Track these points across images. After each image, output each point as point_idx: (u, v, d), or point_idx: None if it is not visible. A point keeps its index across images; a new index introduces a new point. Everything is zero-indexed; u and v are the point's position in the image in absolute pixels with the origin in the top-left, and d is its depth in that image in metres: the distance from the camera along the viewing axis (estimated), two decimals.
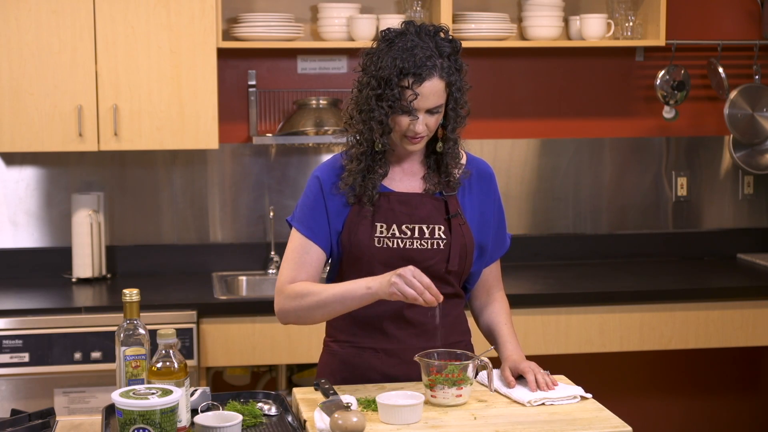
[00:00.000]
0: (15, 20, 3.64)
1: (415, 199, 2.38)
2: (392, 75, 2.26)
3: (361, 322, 2.39)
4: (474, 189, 2.43)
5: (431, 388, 2.18)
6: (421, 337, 2.38)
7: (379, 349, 2.39)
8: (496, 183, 2.49)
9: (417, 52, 2.26)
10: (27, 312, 3.52)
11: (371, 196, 2.35)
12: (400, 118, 2.29)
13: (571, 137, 4.34)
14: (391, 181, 2.40)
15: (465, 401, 2.19)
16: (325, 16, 3.96)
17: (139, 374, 2.08)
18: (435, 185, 2.39)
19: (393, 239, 2.35)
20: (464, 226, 2.39)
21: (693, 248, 4.44)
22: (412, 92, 2.26)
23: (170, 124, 3.74)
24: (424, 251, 2.35)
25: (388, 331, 2.38)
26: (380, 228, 2.35)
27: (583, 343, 3.76)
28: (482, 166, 2.48)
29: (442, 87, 2.29)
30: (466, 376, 2.18)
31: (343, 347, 2.43)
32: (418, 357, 2.21)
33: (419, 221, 2.36)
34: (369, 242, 2.34)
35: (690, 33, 4.32)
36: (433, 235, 2.36)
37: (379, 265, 2.33)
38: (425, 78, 2.26)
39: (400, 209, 2.36)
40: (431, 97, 2.28)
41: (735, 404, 4.48)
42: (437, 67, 2.27)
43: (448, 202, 2.39)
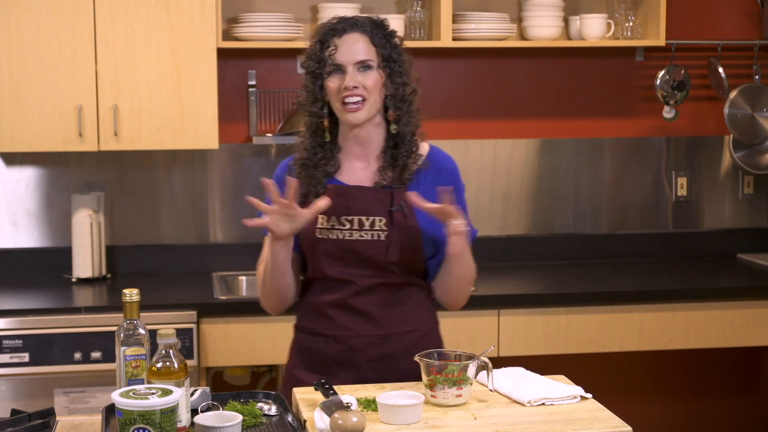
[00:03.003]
0: (15, 20, 3.64)
1: (356, 191, 2.40)
2: (316, 45, 2.38)
3: (315, 310, 2.46)
4: (430, 182, 2.43)
5: (431, 388, 2.18)
6: (367, 324, 2.41)
7: (328, 335, 2.44)
8: (457, 177, 2.49)
9: (338, 18, 2.39)
10: (27, 312, 3.52)
11: (316, 191, 2.39)
12: (330, 80, 2.36)
13: (571, 137, 4.34)
14: (344, 174, 2.43)
15: (465, 401, 2.19)
16: (325, 16, 3.95)
17: (139, 374, 2.08)
18: (387, 179, 2.40)
19: (333, 231, 2.39)
20: (409, 219, 2.39)
21: (693, 248, 4.44)
22: (333, 47, 2.34)
23: (170, 124, 3.74)
24: (364, 242, 2.38)
25: (335, 319, 2.42)
26: (321, 220, 2.39)
27: (583, 343, 3.76)
28: (444, 161, 2.49)
29: (366, 42, 2.36)
30: (466, 376, 2.18)
31: (301, 332, 2.51)
32: (418, 357, 2.22)
33: (358, 213, 2.39)
34: (312, 234, 2.39)
35: (690, 33, 4.32)
36: (373, 227, 2.38)
37: (323, 256, 2.39)
38: (344, 31, 2.36)
39: (340, 201, 2.38)
40: (354, 49, 2.35)
41: (735, 404, 4.48)
42: (357, 24, 2.37)
43: (395, 194, 2.39)
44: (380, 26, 2.41)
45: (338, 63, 2.35)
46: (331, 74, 2.36)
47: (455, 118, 4.27)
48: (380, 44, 2.38)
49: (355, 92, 2.34)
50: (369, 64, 2.36)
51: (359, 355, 2.41)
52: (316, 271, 2.44)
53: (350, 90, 2.34)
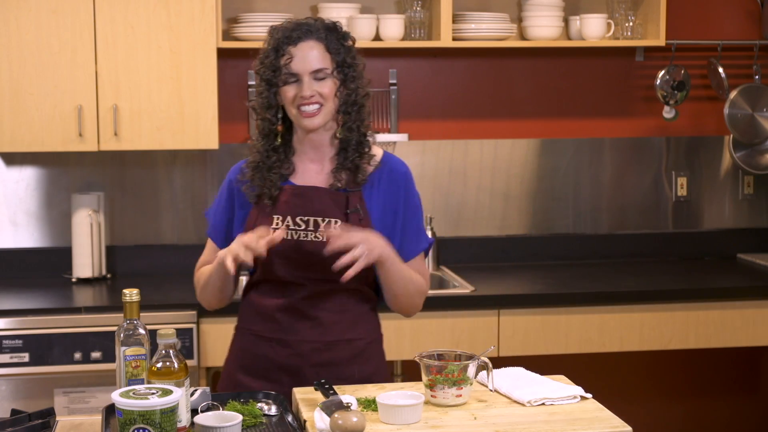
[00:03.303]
0: (15, 20, 3.64)
1: (312, 192, 2.40)
2: (269, 50, 2.35)
3: (260, 312, 2.44)
4: (383, 187, 2.43)
5: (431, 388, 2.18)
6: (315, 330, 2.40)
7: (273, 339, 2.42)
8: (410, 183, 2.48)
9: (290, 24, 2.36)
10: (27, 312, 3.52)
11: (270, 193, 2.39)
12: (285, 88, 2.35)
13: (571, 137, 4.34)
14: (298, 176, 2.43)
15: (465, 401, 2.19)
16: (325, 16, 3.94)
17: (139, 374, 2.08)
18: (341, 181, 2.40)
19: (287, 231, 2.37)
20: (364, 222, 2.39)
21: (693, 248, 4.44)
22: (288, 56, 2.32)
23: (170, 124, 3.74)
24: (319, 243, 2.36)
25: (282, 323, 2.41)
26: (276, 220, 2.38)
27: (583, 343, 3.76)
28: (397, 166, 2.48)
29: (322, 49, 2.34)
30: (466, 376, 2.18)
31: (243, 334, 2.49)
32: (418, 357, 2.22)
33: (314, 213, 2.38)
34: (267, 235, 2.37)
35: (690, 33, 4.32)
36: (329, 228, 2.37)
37: (275, 256, 2.37)
38: (299, 39, 2.34)
39: (295, 201, 2.39)
40: (310, 58, 2.33)
41: (735, 404, 4.48)
42: (312, 31, 2.35)
43: (350, 197, 2.39)
44: (334, 30, 2.38)
45: (294, 72, 2.33)
46: (287, 83, 2.34)
47: (455, 118, 4.27)
48: (335, 50, 2.36)
49: (311, 100, 2.33)
50: (324, 72, 2.34)
51: (304, 361, 2.40)
52: (266, 273, 2.42)
53: (307, 99, 2.33)
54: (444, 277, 4.03)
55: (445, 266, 4.16)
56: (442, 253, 4.20)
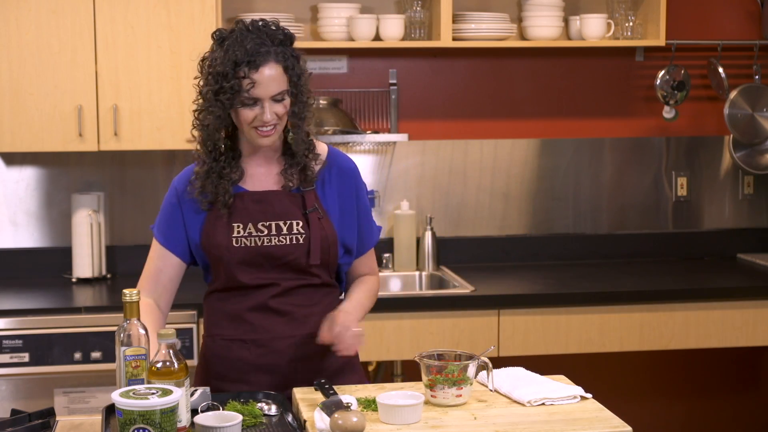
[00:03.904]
0: (15, 20, 3.64)
1: (270, 196, 2.39)
2: (227, 68, 2.28)
3: (230, 316, 2.42)
4: (334, 183, 2.44)
5: (431, 388, 2.18)
6: (289, 325, 2.40)
7: (248, 341, 2.41)
8: (359, 178, 2.49)
9: (248, 42, 2.29)
10: (27, 312, 3.52)
11: (225, 201, 2.36)
12: (244, 111, 2.30)
13: (571, 137, 4.34)
14: (248, 181, 2.41)
15: (465, 401, 2.19)
16: (325, 16, 3.96)
17: (139, 374, 2.08)
18: (293, 181, 2.40)
19: (250, 238, 2.37)
20: (324, 220, 2.40)
21: (693, 248, 4.43)
22: (249, 80, 2.27)
23: (170, 124, 3.74)
24: (283, 247, 2.37)
25: (254, 322, 2.40)
26: (237, 228, 2.37)
27: (583, 343, 3.76)
28: (344, 161, 2.48)
29: (280, 72, 2.31)
30: (466, 376, 2.18)
31: (214, 341, 2.46)
32: (417, 357, 2.22)
33: (275, 218, 2.37)
34: (227, 243, 2.36)
35: (690, 33, 4.32)
36: (291, 231, 2.37)
37: (241, 264, 2.37)
38: (260, 64, 2.28)
39: (254, 208, 2.38)
40: (271, 84, 2.29)
41: (735, 404, 4.48)
42: (271, 53, 2.30)
43: (306, 197, 2.40)
44: (286, 44, 2.36)
45: (255, 97, 2.29)
46: (245, 105, 2.30)
47: (455, 118, 4.27)
48: (291, 69, 2.34)
49: (269, 122, 2.31)
50: (283, 95, 2.32)
51: (281, 358, 2.39)
52: (230, 281, 2.40)
53: (267, 123, 2.31)
54: (444, 277, 4.03)
55: (445, 266, 4.16)
56: (442, 253, 4.21)
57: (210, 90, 2.31)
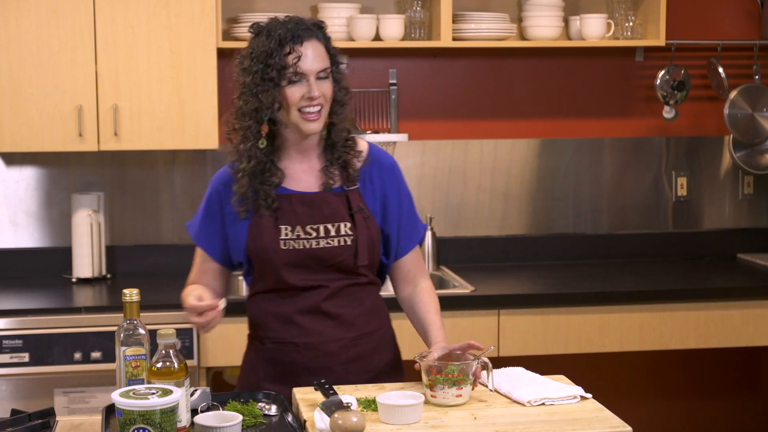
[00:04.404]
0: (15, 20, 3.64)
1: (317, 199, 2.38)
2: (272, 46, 2.28)
3: (281, 319, 2.41)
4: (375, 180, 2.43)
5: (431, 388, 2.18)
6: (339, 328, 2.40)
7: (299, 344, 2.40)
8: (399, 174, 2.48)
9: (289, 23, 2.31)
10: (27, 312, 3.52)
11: (268, 204, 2.35)
12: (291, 90, 2.29)
13: (571, 137, 4.34)
14: (289, 180, 2.39)
15: (465, 401, 2.19)
16: (325, 16, 3.96)
17: (139, 374, 2.08)
18: (334, 179, 2.39)
19: (299, 240, 2.36)
20: (369, 219, 2.39)
21: (693, 248, 4.43)
22: (295, 54, 2.28)
23: (170, 124, 3.74)
24: (331, 249, 2.36)
25: (304, 325, 2.39)
26: (285, 231, 2.36)
27: (583, 343, 3.76)
28: (384, 158, 2.48)
29: (323, 50, 2.33)
30: (466, 376, 2.18)
31: (264, 343, 2.45)
32: (417, 357, 2.22)
33: (323, 220, 2.36)
34: (275, 246, 2.35)
35: (690, 33, 4.32)
36: (339, 233, 2.36)
37: (287, 266, 2.36)
38: (305, 39, 2.30)
39: (302, 210, 2.37)
40: (316, 58, 2.30)
41: (735, 404, 4.48)
42: (311, 30, 2.32)
43: (350, 197, 2.39)
44: (323, 30, 2.37)
45: (303, 72, 2.29)
46: (292, 83, 2.29)
47: (455, 118, 4.27)
48: (331, 52, 2.36)
49: (316, 101, 2.31)
50: (327, 73, 2.33)
51: (333, 360, 2.39)
52: (277, 282, 2.38)
53: (314, 99, 2.30)
54: (444, 277, 4.03)
55: (445, 266, 4.16)
56: (442, 253, 4.20)
57: (256, 72, 2.30)
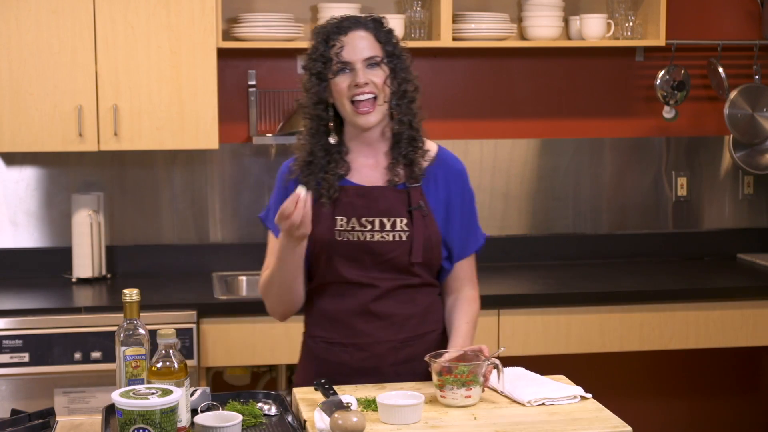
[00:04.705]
0: (15, 20, 3.64)
1: (375, 192, 2.37)
2: (319, 42, 2.34)
3: (330, 318, 2.41)
4: (440, 183, 2.42)
5: (440, 389, 2.17)
6: (390, 329, 2.38)
7: (348, 344, 2.40)
8: (466, 180, 2.47)
9: (338, 19, 2.36)
10: (27, 312, 3.52)
11: (329, 194, 2.35)
12: (337, 80, 2.32)
13: (571, 137, 4.34)
14: (354, 175, 2.40)
15: (475, 402, 2.17)
16: (325, 16, 3.94)
17: (139, 374, 2.08)
18: (399, 176, 2.38)
19: (353, 232, 2.35)
20: (428, 218, 2.37)
21: (693, 248, 4.44)
22: (339, 45, 2.31)
23: (170, 124, 3.74)
24: (386, 243, 2.35)
25: (355, 326, 2.38)
26: (340, 222, 2.36)
27: (583, 343, 3.76)
28: (452, 162, 2.46)
29: (371, 39, 2.34)
30: (476, 377, 2.16)
31: (315, 342, 2.45)
32: (428, 357, 2.20)
33: (379, 214, 2.35)
34: (330, 236, 2.35)
35: (690, 33, 4.32)
36: (395, 228, 2.35)
37: (341, 258, 2.35)
38: (348, 29, 2.33)
39: (359, 202, 2.36)
40: (360, 45, 2.32)
41: (735, 404, 4.48)
42: (360, 22, 2.34)
43: (411, 194, 2.37)
44: (380, 23, 2.39)
45: (346, 60, 2.31)
46: (339, 73, 2.32)
47: (455, 118, 4.27)
48: (384, 40, 2.35)
49: (366, 89, 2.31)
50: (376, 61, 2.33)
51: (382, 362, 2.38)
52: (332, 275, 2.37)
53: (361, 87, 2.30)
54: None
55: None
56: None
57: (310, 70, 2.35)
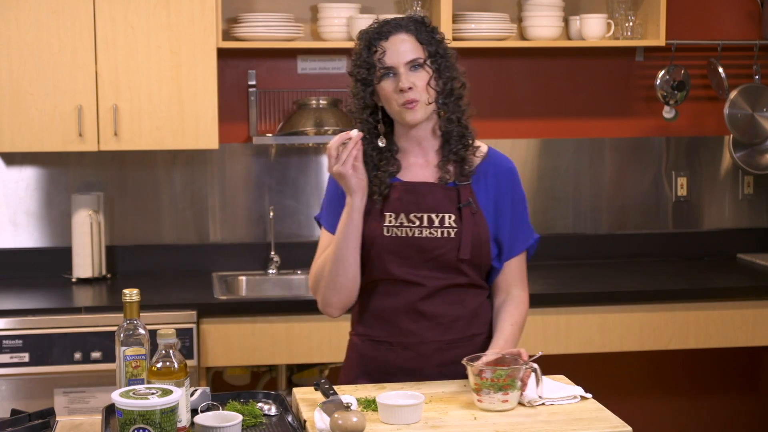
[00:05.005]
0: (15, 20, 3.64)
1: (424, 188, 2.38)
2: (362, 48, 2.37)
3: (377, 316, 2.40)
4: (490, 182, 2.42)
5: (477, 393, 2.15)
6: (436, 330, 2.38)
7: (394, 343, 2.39)
8: (516, 178, 2.47)
9: (379, 23, 2.40)
10: (27, 312, 3.52)
11: (380, 191, 2.36)
12: (382, 85, 2.34)
13: (571, 137, 4.34)
14: (405, 173, 2.41)
15: (512, 407, 2.15)
16: (325, 16, 3.96)
17: (139, 374, 2.08)
18: (450, 174, 2.38)
19: (402, 228, 2.35)
20: (477, 216, 2.38)
21: (693, 248, 4.43)
22: (381, 50, 2.33)
23: (170, 124, 3.74)
24: (434, 240, 2.35)
25: (402, 325, 2.38)
26: (389, 217, 2.36)
27: (583, 343, 3.76)
28: (502, 160, 2.47)
29: (413, 41, 2.35)
30: (513, 382, 2.14)
31: (362, 340, 2.45)
32: (465, 361, 2.19)
33: (428, 210, 2.36)
34: (378, 232, 2.35)
35: (690, 33, 4.32)
36: (443, 224, 2.35)
37: (390, 254, 2.35)
38: (390, 33, 2.36)
39: (408, 198, 2.36)
40: (402, 49, 2.34)
41: (735, 404, 4.48)
42: (401, 25, 2.37)
43: (461, 191, 2.38)
44: (422, 24, 2.40)
45: (389, 66, 2.33)
46: (383, 78, 2.34)
47: None
48: (426, 41, 2.37)
49: (409, 93, 2.32)
50: (419, 63, 2.34)
51: (428, 362, 2.38)
52: (381, 272, 2.38)
53: (405, 91, 2.32)
54: None
55: None
56: None
57: (356, 76, 2.39)
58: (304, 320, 3.61)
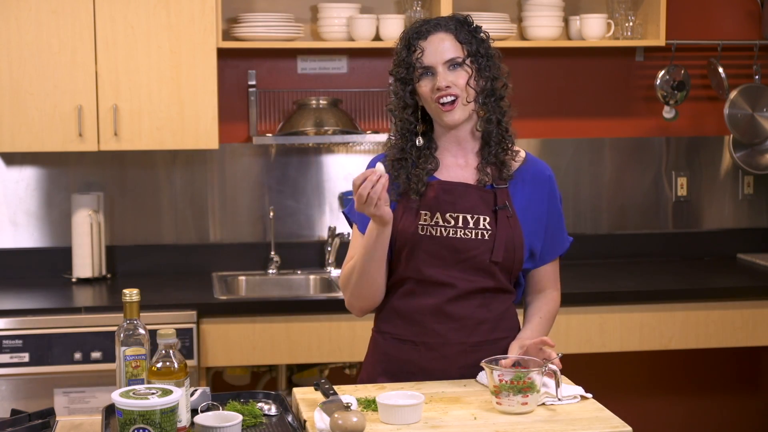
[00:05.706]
0: (15, 20, 3.64)
1: (461, 189, 2.37)
2: (402, 48, 2.36)
3: (403, 315, 2.39)
4: (527, 187, 2.42)
5: (497, 395, 2.13)
6: (461, 332, 2.37)
7: (419, 343, 2.38)
8: (554, 184, 2.48)
9: (419, 23, 2.38)
10: (27, 312, 3.52)
11: (417, 188, 2.35)
12: (421, 84, 2.34)
13: (571, 137, 4.34)
14: (443, 172, 2.40)
15: (532, 410, 2.13)
16: (325, 16, 3.96)
17: (139, 374, 2.08)
18: (488, 177, 2.38)
19: (436, 227, 2.35)
20: (512, 219, 2.37)
21: (693, 248, 4.43)
22: (419, 50, 2.33)
23: (170, 124, 3.74)
24: (468, 241, 2.34)
25: (428, 326, 2.37)
26: (424, 216, 2.35)
27: (583, 343, 3.76)
28: (541, 166, 2.47)
29: (452, 40, 2.34)
30: (533, 384, 2.12)
31: (385, 338, 2.44)
32: (484, 363, 2.17)
33: (463, 210, 2.35)
34: (413, 230, 2.34)
35: (690, 33, 4.32)
36: (478, 226, 2.34)
37: (423, 253, 2.34)
38: (429, 33, 2.34)
39: (444, 198, 2.36)
40: (440, 49, 2.33)
41: (735, 404, 4.48)
42: (441, 24, 2.35)
43: (497, 194, 2.37)
44: (464, 23, 2.38)
45: (427, 65, 2.32)
46: (422, 77, 2.34)
47: None
48: (466, 40, 2.35)
49: (448, 92, 2.32)
50: (458, 62, 2.33)
51: (451, 364, 2.37)
52: (411, 271, 2.36)
53: (443, 90, 2.31)
54: None
55: None
56: None
57: (396, 75, 2.37)
58: (304, 320, 3.61)
